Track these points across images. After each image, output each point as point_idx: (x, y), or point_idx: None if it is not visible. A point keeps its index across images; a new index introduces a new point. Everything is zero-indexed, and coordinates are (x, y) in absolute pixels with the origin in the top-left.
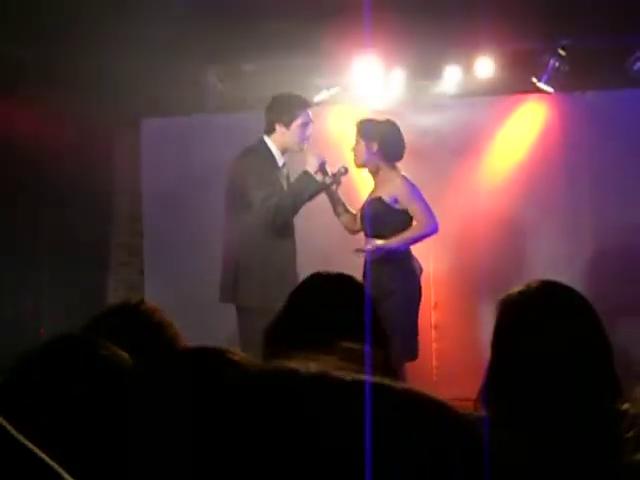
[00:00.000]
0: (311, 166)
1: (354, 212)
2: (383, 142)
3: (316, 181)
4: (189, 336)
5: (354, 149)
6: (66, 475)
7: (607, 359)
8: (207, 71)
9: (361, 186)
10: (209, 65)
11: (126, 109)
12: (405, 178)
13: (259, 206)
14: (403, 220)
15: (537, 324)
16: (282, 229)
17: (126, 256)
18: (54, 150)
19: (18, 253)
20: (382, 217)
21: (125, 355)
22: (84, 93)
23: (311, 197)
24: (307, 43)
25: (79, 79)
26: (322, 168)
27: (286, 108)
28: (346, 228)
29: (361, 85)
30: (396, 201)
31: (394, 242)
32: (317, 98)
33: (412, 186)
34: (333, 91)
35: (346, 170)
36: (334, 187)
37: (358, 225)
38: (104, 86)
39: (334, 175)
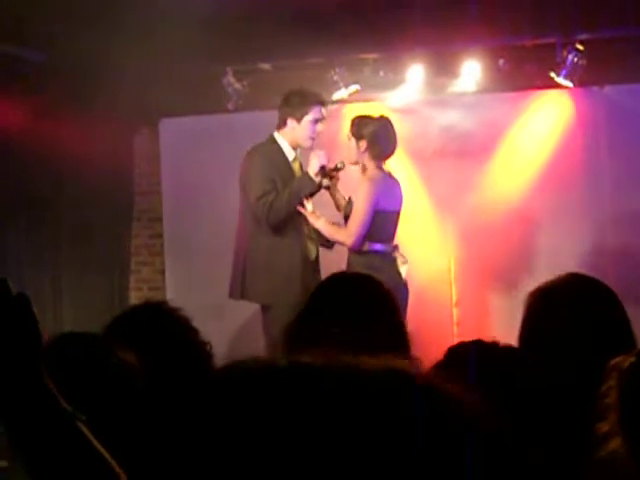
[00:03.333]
0: (312, 168)
1: None
2: (371, 141)
3: (314, 182)
4: (210, 335)
5: (345, 146)
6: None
7: (631, 345)
8: (225, 71)
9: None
10: (227, 65)
11: (145, 109)
12: (374, 182)
13: (255, 203)
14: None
15: (563, 313)
16: (277, 226)
17: (147, 256)
18: (73, 151)
19: (39, 255)
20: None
21: (132, 357)
22: (103, 94)
23: (307, 196)
24: (325, 41)
25: (98, 81)
26: (322, 170)
27: (299, 103)
28: None
29: (379, 83)
30: None
31: (318, 223)
32: (335, 96)
33: (372, 194)
34: (351, 89)
35: (343, 165)
36: (333, 182)
37: None
38: (124, 87)
39: (332, 170)
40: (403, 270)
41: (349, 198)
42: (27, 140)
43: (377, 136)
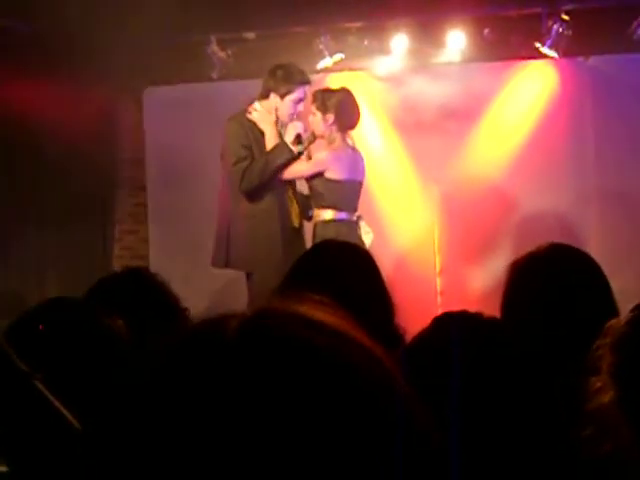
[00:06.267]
0: (289, 136)
1: None
2: (339, 113)
3: (290, 151)
4: (194, 303)
5: (310, 121)
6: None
7: (613, 314)
8: (209, 39)
9: None
10: (211, 33)
11: (129, 78)
12: (335, 153)
13: (231, 169)
14: (329, 189)
15: (543, 283)
16: (252, 193)
17: (131, 224)
18: (59, 119)
19: (22, 222)
20: (314, 187)
21: (120, 323)
22: (86, 63)
23: (284, 166)
24: (309, 10)
25: (81, 49)
26: (298, 139)
27: (286, 81)
28: None
29: (364, 52)
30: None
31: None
32: (320, 65)
33: (326, 159)
34: (336, 58)
35: (315, 138)
36: (303, 153)
37: None
38: (107, 55)
39: (307, 142)
40: (367, 239)
41: None
42: (7, 108)
43: (343, 105)
